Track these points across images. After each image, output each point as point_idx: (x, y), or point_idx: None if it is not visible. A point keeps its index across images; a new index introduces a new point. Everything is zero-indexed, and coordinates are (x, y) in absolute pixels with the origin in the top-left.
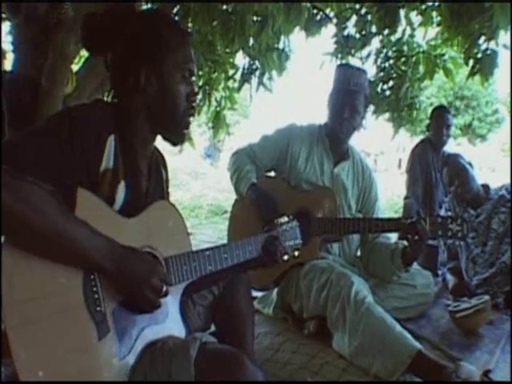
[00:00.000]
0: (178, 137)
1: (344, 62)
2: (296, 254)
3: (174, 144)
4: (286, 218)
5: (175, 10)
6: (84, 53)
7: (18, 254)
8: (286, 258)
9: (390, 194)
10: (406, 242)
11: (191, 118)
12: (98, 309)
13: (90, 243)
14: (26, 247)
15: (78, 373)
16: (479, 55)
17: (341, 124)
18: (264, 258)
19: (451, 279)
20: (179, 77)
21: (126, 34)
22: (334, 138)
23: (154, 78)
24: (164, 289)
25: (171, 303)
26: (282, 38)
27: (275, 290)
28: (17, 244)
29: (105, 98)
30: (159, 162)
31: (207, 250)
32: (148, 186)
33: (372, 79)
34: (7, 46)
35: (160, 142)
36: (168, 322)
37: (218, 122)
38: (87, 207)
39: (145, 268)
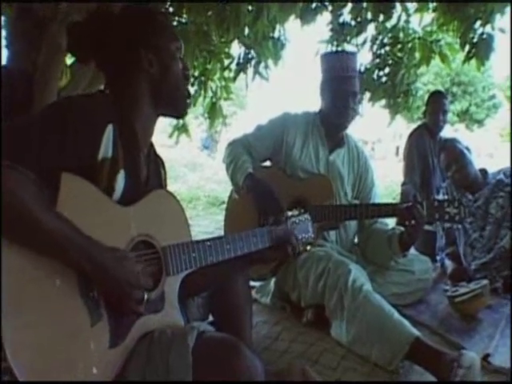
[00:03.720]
0: (181, 108)
1: (340, 49)
2: (308, 248)
3: (179, 117)
4: (296, 211)
5: (169, 1)
6: None
7: None
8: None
9: (389, 181)
10: (403, 228)
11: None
12: (91, 294)
13: (65, 239)
14: (5, 234)
15: (68, 358)
16: (475, 40)
17: (347, 113)
18: (271, 252)
19: (449, 264)
20: (174, 51)
21: (117, 29)
22: (333, 125)
23: (154, 58)
24: (145, 298)
25: (169, 292)
26: (278, 26)
27: (273, 280)
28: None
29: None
30: (158, 160)
31: (208, 240)
32: (148, 175)
33: (368, 66)
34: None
35: (155, 136)
36: (165, 311)
37: (214, 113)
38: (75, 193)
39: (125, 277)
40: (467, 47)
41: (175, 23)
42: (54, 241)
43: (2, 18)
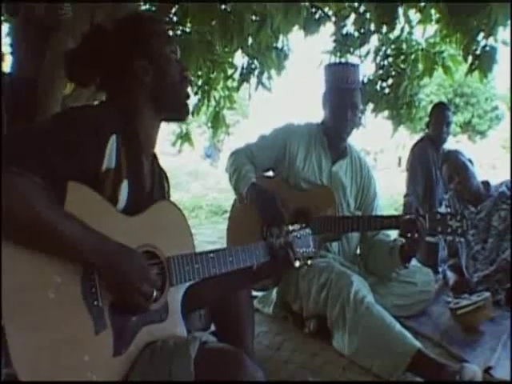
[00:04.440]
0: (182, 110)
1: (343, 60)
2: (309, 262)
3: (181, 119)
4: (297, 226)
5: (173, 10)
6: None
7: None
8: (297, 264)
9: (391, 192)
10: (405, 239)
11: (189, 89)
12: (96, 303)
13: (78, 237)
14: (14, 239)
15: (72, 365)
16: (478, 52)
17: (345, 125)
18: (272, 265)
19: (452, 276)
20: (169, 54)
21: (110, 46)
22: (334, 136)
23: (148, 65)
24: (154, 294)
25: (173, 302)
26: (281, 36)
27: (275, 290)
28: (6, 236)
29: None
30: (162, 173)
31: (211, 252)
32: (152, 187)
33: (371, 77)
34: (6, 48)
35: (158, 144)
36: (169, 321)
37: (217, 122)
38: (80, 202)
39: (136, 271)
40: (470, 59)
41: (179, 32)
42: (66, 239)
43: (8, 25)
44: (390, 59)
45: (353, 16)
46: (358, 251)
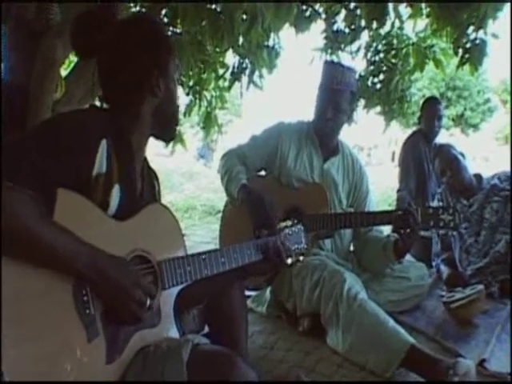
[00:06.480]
0: (172, 134)
1: (334, 57)
2: (301, 258)
3: (168, 141)
4: (289, 222)
5: (164, 11)
6: (73, 58)
7: None
8: (289, 261)
9: (384, 187)
10: (398, 235)
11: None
12: (88, 311)
13: (70, 251)
14: (5, 252)
15: (65, 374)
16: (468, 45)
17: (325, 124)
18: (265, 264)
19: (445, 270)
20: (176, 79)
21: (131, 39)
22: (322, 134)
23: (162, 81)
24: (148, 302)
25: (165, 306)
26: (272, 35)
27: (268, 289)
28: None
29: (97, 103)
30: (151, 173)
31: (203, 253)
32: (142, 189)
33: (362, 73)
34: None
35: (151, 146)
36: (161, 325)
37: (209, 122)
38: (70, 209)
39: (129, 279)
40: (460, 52)
41: (169, 33)
42: (57, 252)
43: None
44: (381, 55)
45: (343, 12)
46: (351, 248)
